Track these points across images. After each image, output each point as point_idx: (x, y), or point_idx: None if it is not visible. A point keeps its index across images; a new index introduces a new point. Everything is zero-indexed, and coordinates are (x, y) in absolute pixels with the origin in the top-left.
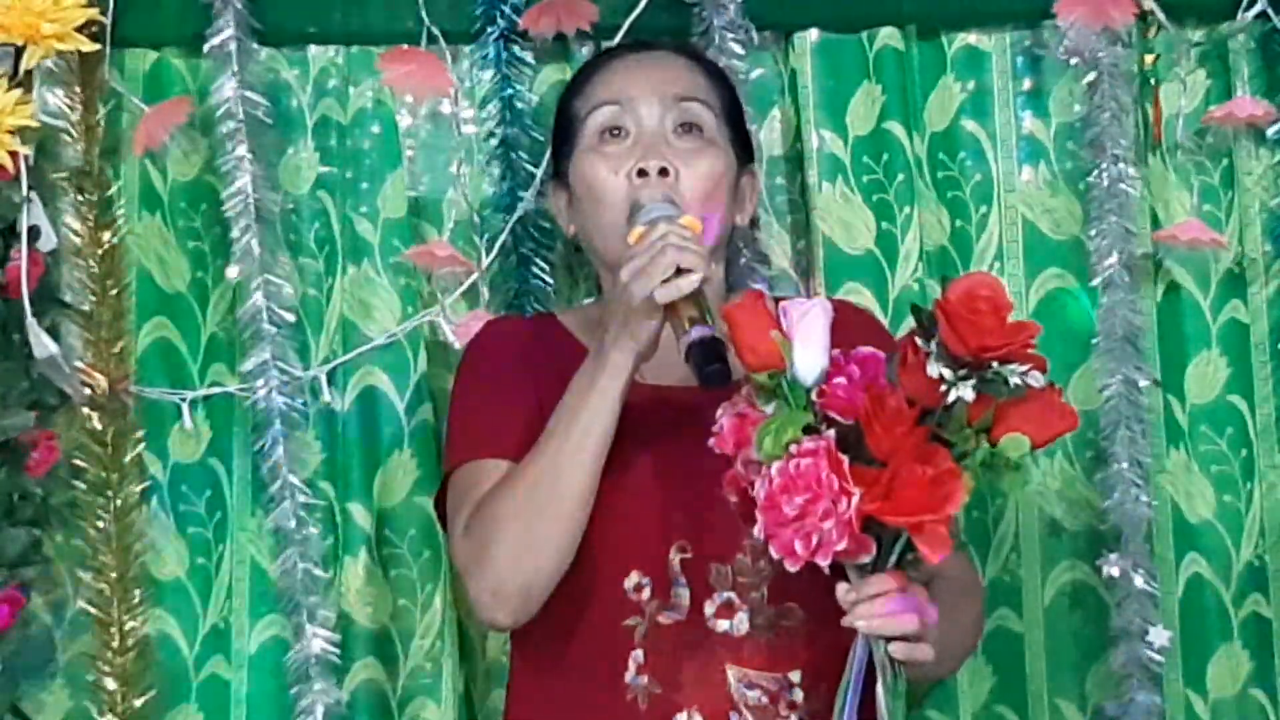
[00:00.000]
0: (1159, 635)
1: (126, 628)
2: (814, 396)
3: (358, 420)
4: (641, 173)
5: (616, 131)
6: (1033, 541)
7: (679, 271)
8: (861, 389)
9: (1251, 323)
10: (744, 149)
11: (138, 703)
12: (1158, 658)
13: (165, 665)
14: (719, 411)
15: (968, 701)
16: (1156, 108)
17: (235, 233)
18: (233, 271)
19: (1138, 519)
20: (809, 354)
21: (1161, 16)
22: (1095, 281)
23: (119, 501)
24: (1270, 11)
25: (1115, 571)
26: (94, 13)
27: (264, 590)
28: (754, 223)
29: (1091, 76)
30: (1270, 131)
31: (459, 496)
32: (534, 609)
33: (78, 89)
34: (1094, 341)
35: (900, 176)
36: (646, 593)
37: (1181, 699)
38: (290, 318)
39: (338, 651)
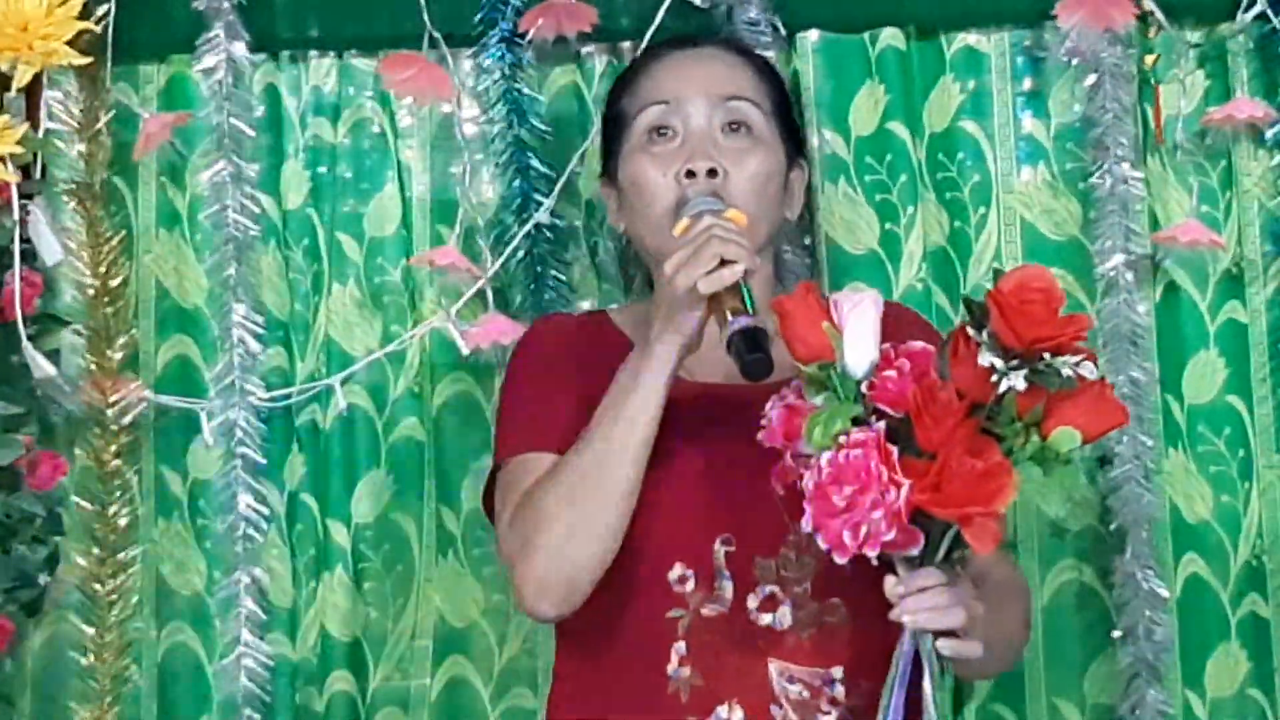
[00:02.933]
0: (1163, 633)
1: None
2: (864, 388)
3: (340, 437)
4: (690, 173)
5: (664, 131)
6: (1032, 541)
7: (723, 263)
8: (911, 381)
9: (1250, 323)
10: (793, 144)
11: None
12: (1164, 656)
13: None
14: (768, 404)
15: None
16: (1156, 108)
17: (213, 250)
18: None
19: (1144, 519)
20: (860, 346)
21: (1161, 17)
22: (1098, 282)
23: (122, 520)
24: (1269, 12)
25: (1122, 572)
26: (87, 25)
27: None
28: (802, 217)
29: (1092, 77)
30: (1269, 133)
31: (506, 489)
32: (578, 601)
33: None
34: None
35: (903, 176)
36: (690, 585)
37: (1180, 699)
38: (259, 334)
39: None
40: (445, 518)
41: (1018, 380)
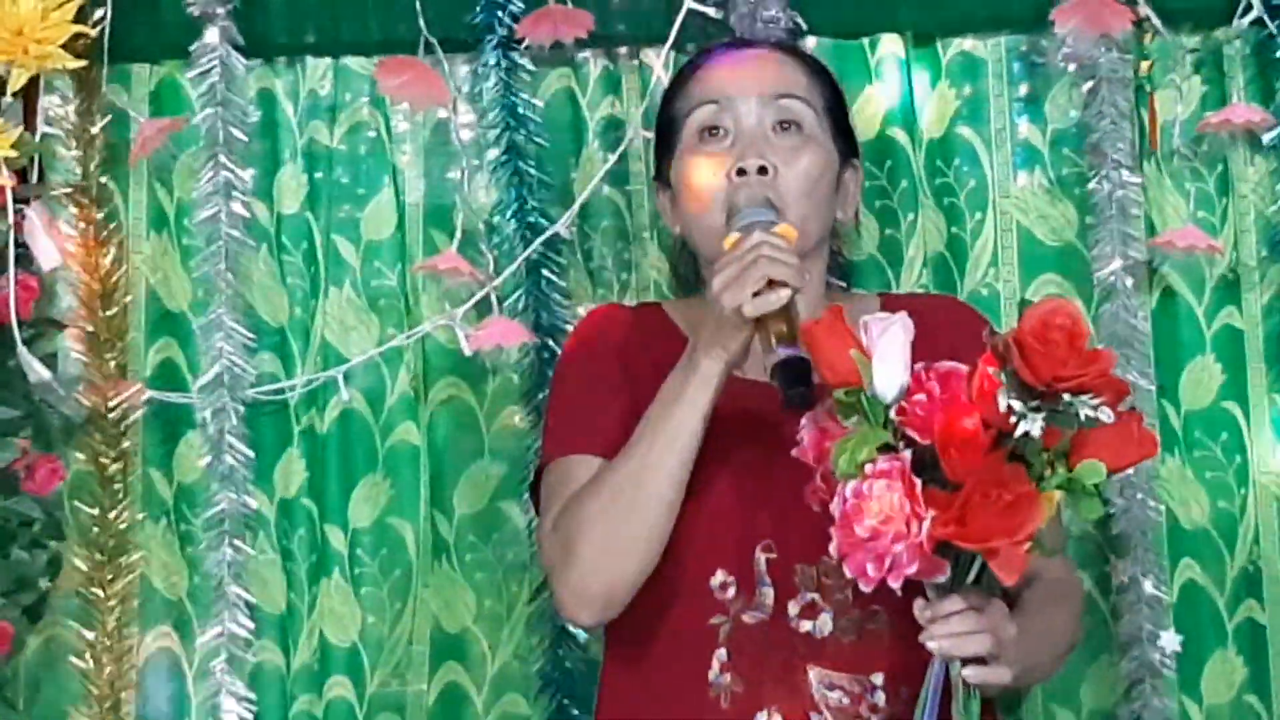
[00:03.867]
0: (1170, 640)
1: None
2: (893, 414)
3: (337, 442)
4: (741, 171)
5: (715, 130)
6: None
7: (771, 284)
8: (939, 409)
9: (1246, 329)
10: (846, 144)
11: None
12: (1169, 662)
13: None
14: (801, 423)
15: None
16: (1152, 114)
17: (201, 255)
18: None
19: (1145, 524)
20: (888, 371)
21: (1157, 23)
22: (1096, 288)
23: (121, 523)
24: (1266, 18)
25: (1125, 577)
26: (82, 28)
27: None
28: (857, 216)
29: (1089, 83)
30: (1266, 138)
31: (550, 491)
32: (616, 610)
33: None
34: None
35: (903, 183)
36: (731, 592)
37: (1178, 705)
38: (251, 338)
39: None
40: (439, 523)
41: (1035, 426)
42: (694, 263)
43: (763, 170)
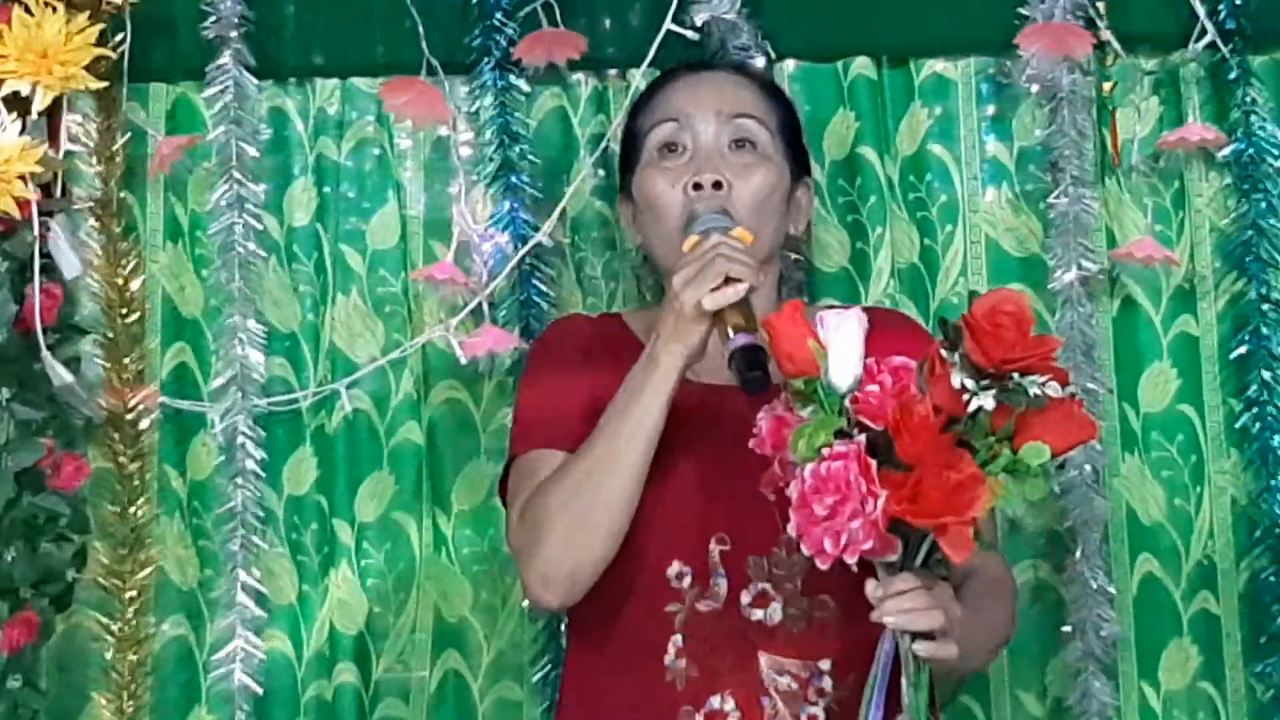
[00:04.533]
0: (1111, 628)
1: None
2: (847, 402)
3: (345, 440)
4: (697, 185)
5: (674, 147)
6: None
7: (728, 280)
8: (892, 396)
9: (1201, 336)
10: (798, 162)
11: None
12: (1112, 651)
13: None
14: (759, 414)
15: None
16: (1113, 133)
17: (215, 265)
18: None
19: (1094, 520)
20: (843, 362)
21: (1117, 46)
22: (1055, 296)
23: (140, 519)
24: (1219, 42)
25: (1075, 571)
26: (103, 51)
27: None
28: (808, 231)
29: (1052, 103)
30: (1220, 155)
31: (517, 483)
32: (580, 594)
33: (98, 122)
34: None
35: (872, 199)
36: (687, 581)
37: (1136, 691)
38: (262, 343)
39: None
40: (439, 519)
41: (987, 400)
42: (653, 272)
43: (718, 185)
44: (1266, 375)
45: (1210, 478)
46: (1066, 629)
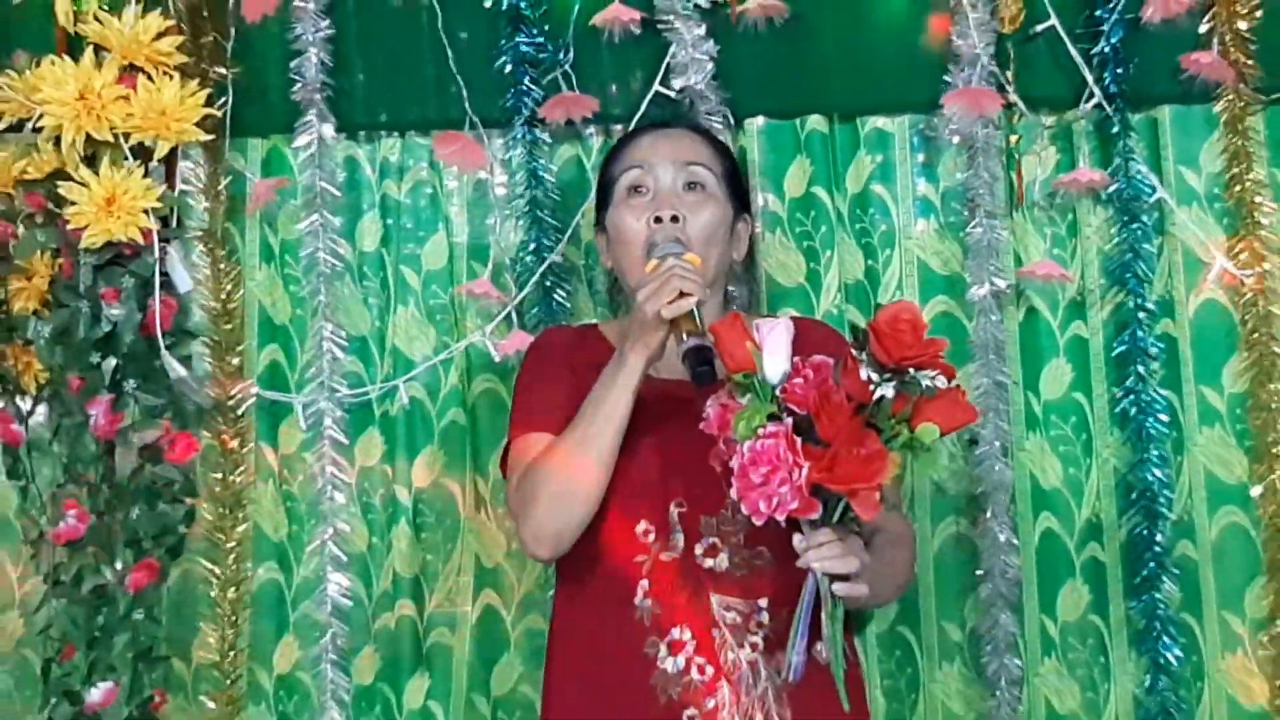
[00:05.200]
0: (1015, 572)
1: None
2: (778, 392)
3: (406, 423)
4: (658, 219)
5: (640, 189)
6: (925, 502)
7: (681, 295)
8: (813, 388)
9: (1090, 338)
10: (739, 202)
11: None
12: (1015, 590)
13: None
14: (707, 402)
15: (877, 623)
16: (1019, 175)
17: (301, 282)
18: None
19: (1003, 486)
20: (774, 360)
21: (1022, 106)
22: (972, 307)
23: (238, 486)
24: (1104, 103)
25: (987, 526)
26: (210, 110)
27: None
28: (748, 256)
29: (970, 152)
30: (1104, 193)
31: (515, 460)
32: (565, 547)
33: (206, 167)
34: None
35: (824, 228)
36: (652, 537)
37: (1037, 622)
38: (343, 345)
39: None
40: (479, 484)
41: (889, 390)
42: (622, 290)
43: (674, 219)
44: (1141, 369)
45: (1097, 452)
46: (980, 573)
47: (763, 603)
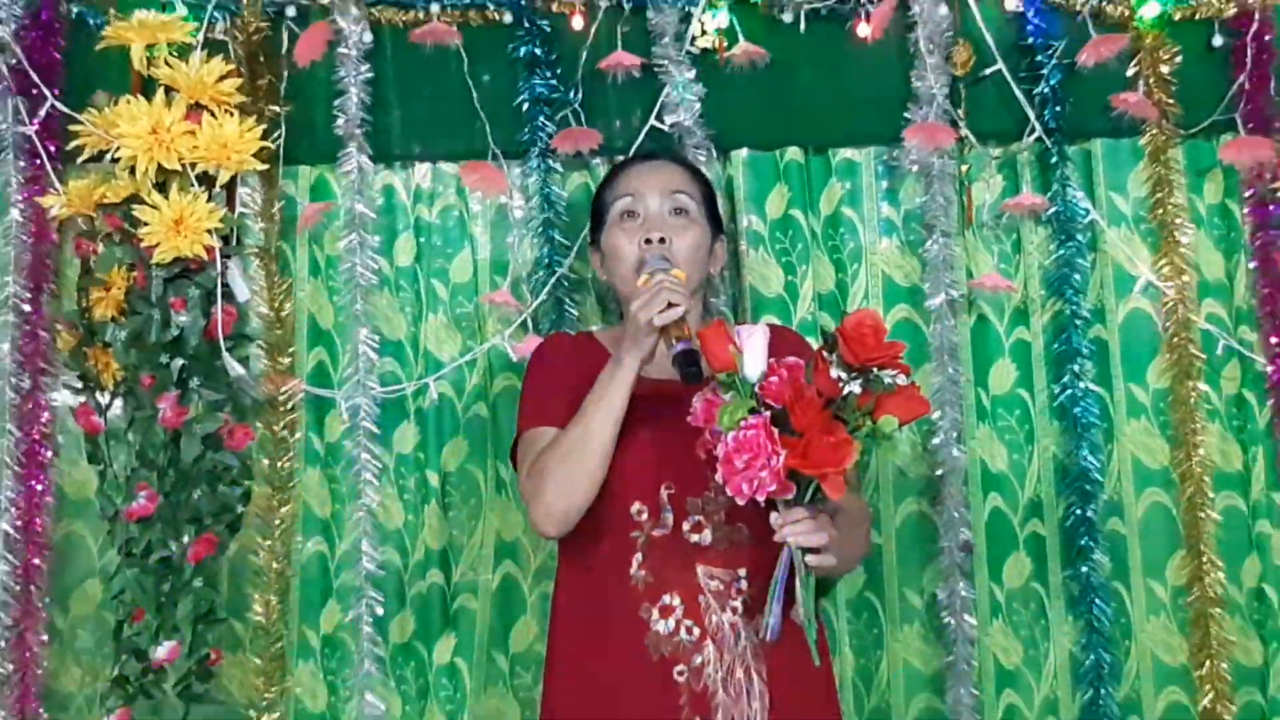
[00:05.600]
0: (969, 545)
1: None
2: (757, 389)
3: (435, 416)
4: (648, 240)
5: (632, 214)
6: (889, 484)
7: (669, 305)
8: (788, 385)
9: (1032, 341)
10: (715, 225)
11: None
12: (969, 560)
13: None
14: (694, 399)
15: (848, 589)
16: (969, 200)
17: (343, 293)
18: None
19: (957, 470)
20: (753, 361)
21: (972, 139)
22: (930, 314)
23: (286, 470)
24: (1044, 137)
25: (945, 504)
26: (265, 143)
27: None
28: (723, 273)
29: (927, 179)
30: (1044, 215)
31: (524, 451)
32: (570, 526)
33: (261, 193)
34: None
35: (800, 246)
36: (645, 516)
37: (987, 588)
38: (376, 348)
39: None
40: (499, 469)
41: (855, 386)
42: (615, 301)
43: (662, 240)
44: (1075, 368)
45: (1038, 440)
46: (938, 545)
47: (742, 572)
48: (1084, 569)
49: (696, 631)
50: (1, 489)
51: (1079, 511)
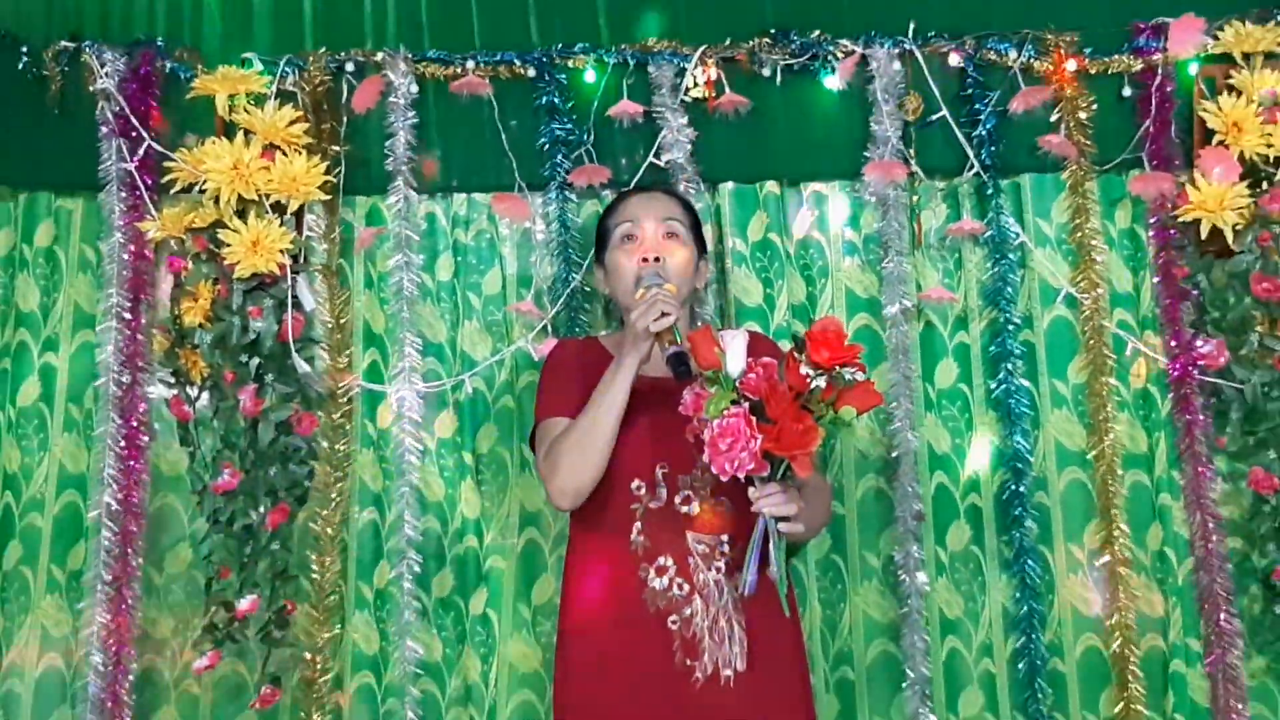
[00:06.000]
0: (918, 514)
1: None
2: (737, 384)
3: (470, 407)
4: (645, 260)
5: (631, 237)
6: (850, 463)
7: (663, 314)
8: (764, 380)
9: (971, 344)
10: (701, 246)
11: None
12: (919, 527)
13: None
14: (684, 392)
15: (814, 554)
16: (918, 225)
17: (392, 303)
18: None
19: (909, 451)
20: (734, 361)
21: (921, 174)
22: (885, 322)
23: (340, 450)
24: (981, 172)
25: (899, 481)
26: (328, 178)
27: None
28: (706, 285)
29: (884, 208)
30: (981, 238)
31: (541, 437)
32: (581, 500)
33: (325, 218)
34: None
35: (776, 264)
36: (643, 491)
37: (933, 551)
38: (420, 349)
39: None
40: (524, 451)
41: (820, 381)
42: (616, 311)
43: (657, 259)
44: (1010, 366)
45: (976, 427)
46: (893, 515)
47: (725, 538)
48: (1016, 535)
49: (686, 587)
50: (105, 467)
51: (1011, 486)
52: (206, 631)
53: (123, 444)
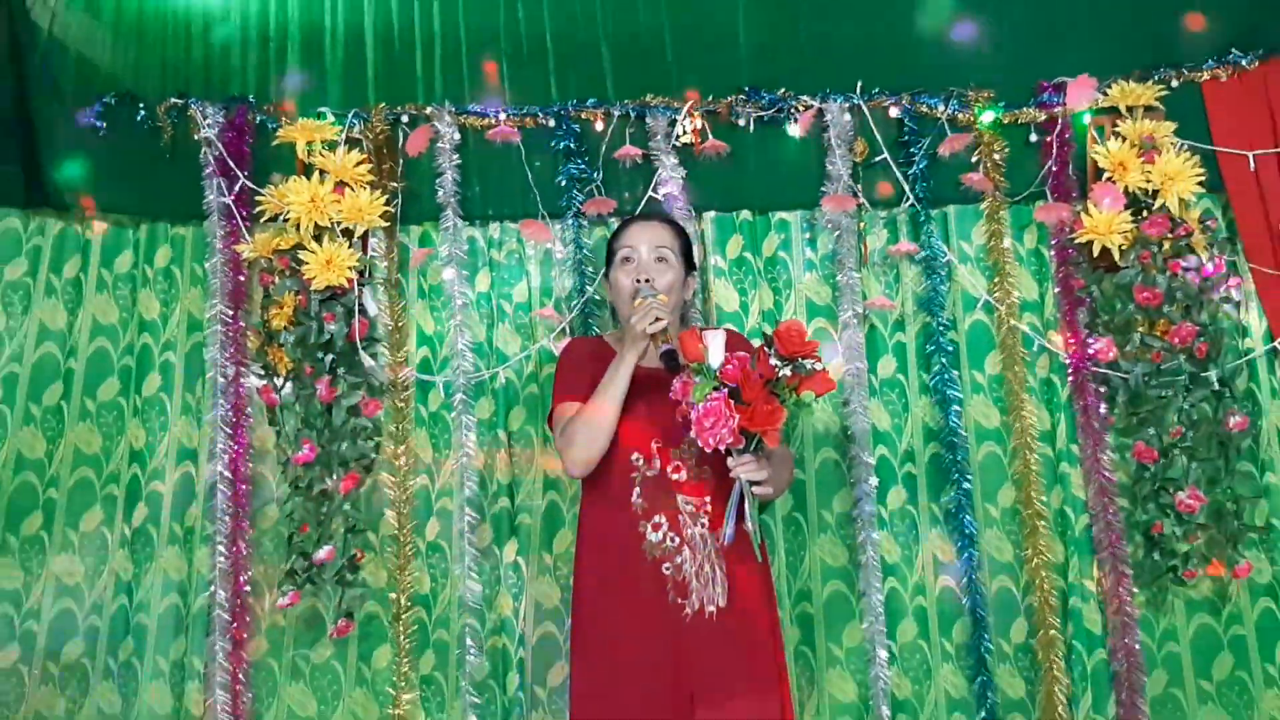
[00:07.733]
0: (870, 479)
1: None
2: (718, 374)
3: (503, 393)
4: (639, 280)
5: (629, 259)
6: (810, 438)
7: (656, 319)
8: (739, 370)
9: (909, 343)
10: (689, 265)
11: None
12: (872, 489)
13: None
14: (675, 381)
15: (780, 510)
16: (864, 247)
17: (442, 310)
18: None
19: (860, 429)
20: (715, 355)
21: (867, 205)
22: (840, 326)
23: (398, 429)
24: (916, 202)
25: (853, 453)
26: (387, 208)
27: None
28: (695, 297)
29: (837, 232)
30: (915, 257)
31: (558, 418)
32: (592, 469)
33: (385, 241)
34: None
35: (750, 276)
36: (641, 462)
37: (876, 509)
38: (469, 345)
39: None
40: (546, 430)
41: (786, 370)
42: (616, 316)
43: (648, 281)
44: (944, 360)
45: (912, 409)
46: (845, 480)
47: (708, 499)
48: (951, 497)
49: (677, 540)
50: (219, 442)
51: (942, 457)
52: (288, 575)
53: (231, 423)
